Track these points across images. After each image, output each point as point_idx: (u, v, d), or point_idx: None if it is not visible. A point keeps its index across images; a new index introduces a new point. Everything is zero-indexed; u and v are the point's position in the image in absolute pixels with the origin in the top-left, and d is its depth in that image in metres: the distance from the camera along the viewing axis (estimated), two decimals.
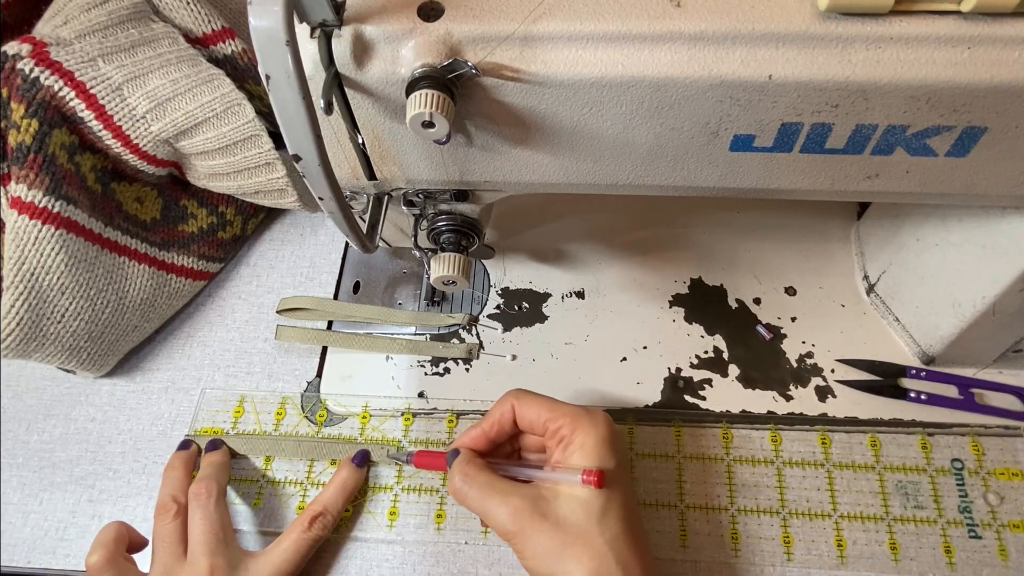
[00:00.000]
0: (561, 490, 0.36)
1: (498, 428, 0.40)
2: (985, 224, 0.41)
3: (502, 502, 0.36)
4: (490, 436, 0.40)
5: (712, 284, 0.54)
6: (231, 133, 0.46)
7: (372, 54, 0.29)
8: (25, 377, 0.53)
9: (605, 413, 0.39)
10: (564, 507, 0.36)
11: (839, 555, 0.43)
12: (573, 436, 0.37)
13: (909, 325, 0.49)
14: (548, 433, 0.39)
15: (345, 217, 0.31)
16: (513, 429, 0.40)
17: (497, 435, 0.40)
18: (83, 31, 0.44)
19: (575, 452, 0.37)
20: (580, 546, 0.35)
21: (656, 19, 0.28)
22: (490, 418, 0.40)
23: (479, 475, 0.38)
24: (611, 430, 0.38)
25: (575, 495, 0.36)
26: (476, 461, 0.39)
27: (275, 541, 0.42)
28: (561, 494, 0.36)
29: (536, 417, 0.39)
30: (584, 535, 0.35)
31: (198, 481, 0.43)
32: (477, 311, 0.54)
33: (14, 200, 0.43)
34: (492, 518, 0.36)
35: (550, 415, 0.38)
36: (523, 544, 0.35)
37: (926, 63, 0.27)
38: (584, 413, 0.38)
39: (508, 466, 0.39)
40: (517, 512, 0.36)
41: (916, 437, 0.47)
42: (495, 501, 0.36)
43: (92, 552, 0.40)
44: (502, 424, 0.40)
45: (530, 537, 0.35)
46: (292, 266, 0.57)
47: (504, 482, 0.37)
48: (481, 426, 0.40)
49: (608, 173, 0.34)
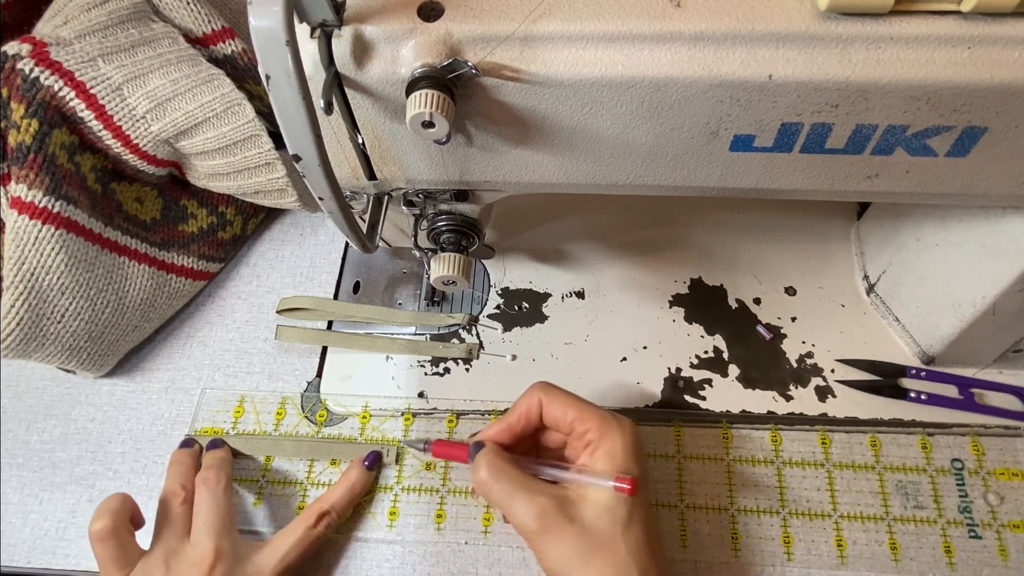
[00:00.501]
0: (588, 494, 0.36)
1: (524, 423, 0.40)
2: (985, 224, 0.40)
3: (530, 500, 0.36)
4: (515, 430, 0.40)
5: (712, 284, 0.54)
6: (231, 133, 0.46)
7: (372, 54, 0.29)
8: (25, 377, 0.53)
9: (630, 420, 0.38)
10: (590, 512, 0.35)
11: (839, 555, 0.43)
12: (601, 442, 0.37)
13: (909, 325, 0.49)
14: (574, 434, 0.38)
15: (345, 217, 0.31)
16: (538, 424, 0.40)
17: (523, 430, 0.40)
18: (83, 31, 0.44)
19: (602, 458, 0.37)
20: (604, 553, 0.34)
21: (656, 19, 0.28)
22: (516, 411, 0.40)
23: (506, 469, 0.37)
24: (636, 438, 0.38)
25: (601, 500, 0.36)
26: (503, 455, 0.38)
27: (278, 534, 0.42)
28: (588, 498, 0.36)
29: (562, 415, 0.38)
30: (608, 542, 0.35)
31: (207, 468, 0.43)
32: (477, 311, 0.54)
33: (14, 200, 0.43)
34: (516, 515, 0.36)
35: (577, 415, 0.38)
36: (545, 545, 0.35)
37: (926, 63, 0.27)
38: (612, 419, 0.38)
39: (534, 464, 0.39)
40: (544, 512, 0.35)
41: (916, 437, 0.47)
42: (522, 498, 0.36)
43: (97, 519, 0.38)
44: (528, 419, 0.39)
45: (554, 539, 0.35)
46: (292, 266, 0.57)
47: (531, 480, 0.37)
48: (507, 420, 0.40)
49: (608, 173, 0.34)
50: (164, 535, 0.40)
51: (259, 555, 0.41)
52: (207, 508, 0.41)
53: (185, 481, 0.43)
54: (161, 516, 0.41)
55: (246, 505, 0.47)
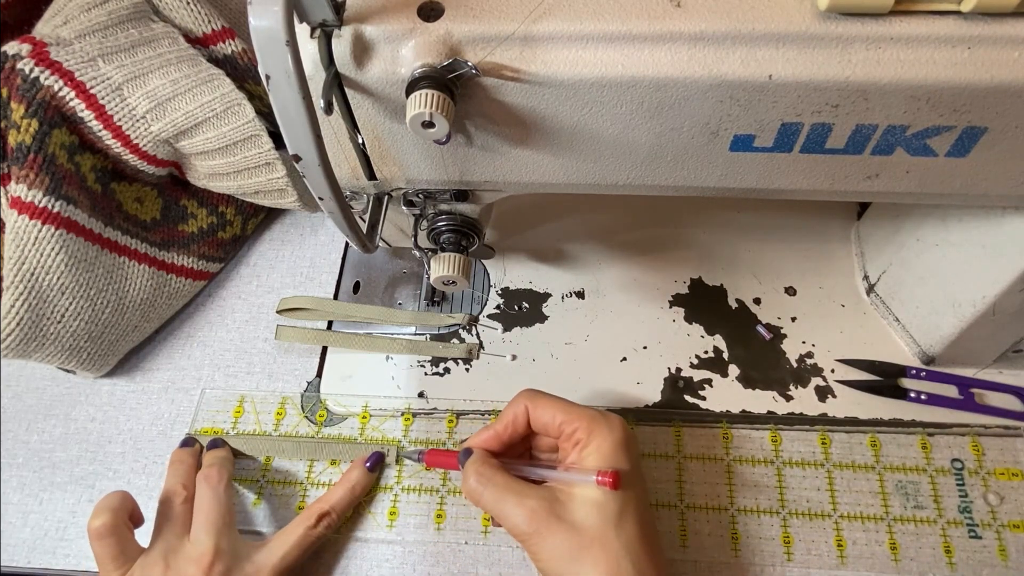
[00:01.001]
0: (576, 492, 0.36)
1: (512, 430, 0.40)
2: (985, 224, 0.41)
3: (518, 503, 0.36)
4: (503, 438, 0.40)
5: (712, 284, 0.54)
6: (231, 133, 0.46)
7: (372, 54, 0.29)
8: (25, 377, 0.53)
9: (620, 417, 0.38)
10: (580, 510, 0.35)
11: (839, 555, 0.43)
12: (589, 439, 0.37)
13: (909, 325, 0.49)
14: (563, 436, 0.38)
15: (345, 217, 0.31)
16: (526, 431, 0.40)
17: (510, 437, 0.40)
18: (83, 31, 0.44)
19: (591, 455, 0.37)
20: (596, 549, 0.34)
21: (656, 19, 0.28)
22: (503, 420, 0.40)
23: (494, 476, 0.37)
24: (627, 434, 0.38)
25: (590, 497, 0.36)
26: (490, 461, 0.38)
27: (278, 533, 0.42)
28: (576, 496, 0.36)
29: (551, 419, 0.38)
30: (600, 538, 0.35)
31: (207, 467, 0.43)
32: (477, 311, 0.54)
33: (14, 200, 0.43)
34: (507, 519, 0.36)
35: (565, 417, 0.38)
36: (538, 546, 0.35)
37: (926, 63, 0.27)
38: (600, 416, 0.38)
39: (521, 466, 0.39)
40: (533, 514, 0.35)
41: (916, 437, 0.47)
42: (511, 502, 0.36)
43: (96, 516, 0.38)
44: (516, 426, 0.40)
45: (545, 539, 0.35)
46: (292, 266, 0.57)
47: (519, 483, 0.37)
48: (494, 428, 0.40)
49: (608, 173, 0.34)
50: (164, 533, 0.40)
51: (259, 554, 0.41)
52: (208, 506, 0.41)
53: (186, 480, 0.43)
54: (161, 514, 0.41)
55: (246, 505, 0.47)
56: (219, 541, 0.39)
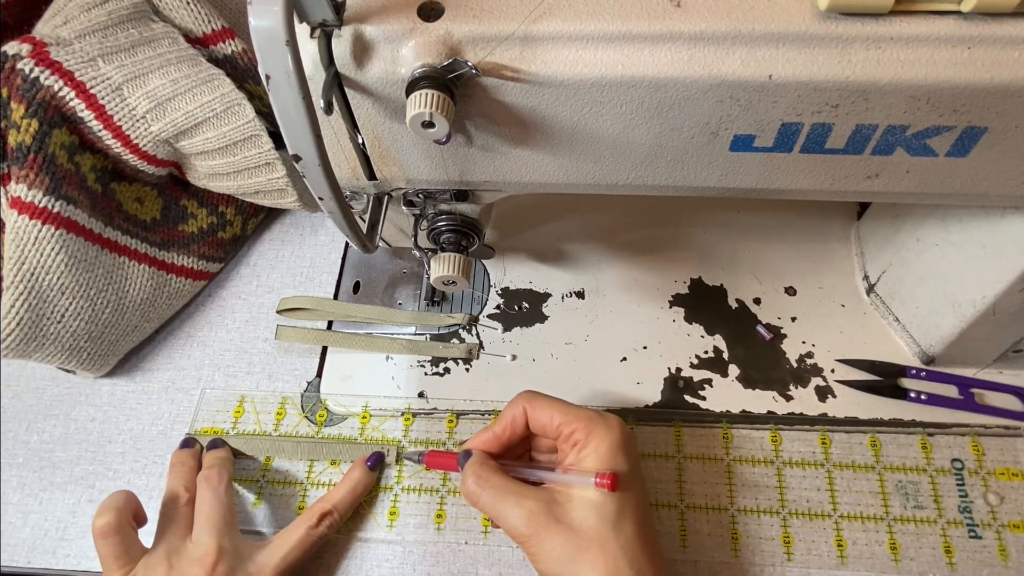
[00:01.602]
0: (574, 493, 0.36)
1: (510, 432, 0.40)
2: (985, 224, 0.40)
3: (516, 505, 0.36)
4: (502, 440, 0.40)
5: (712, 284, 0.54)
6: (231, 133, 0.46)
7: (372, 54, 0.29)
8: (25, 377, 0.53)
9: (618, 418, 0.39)
10: (578, 511, 0.36)
11: (839, 555, 0.43)
12: (587, 440, 0.37)
13: (909, 325, 0.49)
14: (561, 437, 0.38)
15: (345, 217, 0.31)
16: (525, 432, 0.40)
17: (509, 439, 0.40)
18: (83, 31, 0.44)
19: (589, 456, 0.37)
20: (594, 550, 0.34)
21: (656, 19, 0.28)
22: (502, 421, 0.40)
23: (492, 477, 0.37)
24: (625, 434, 0.38)
25: (588, 499, 0.36)
26: (488, 463, 0.39)
27: (280, 533, 0.42)
28: (574, 498, 0.36)
29: (549, 421, 0.38)
30: (598, 539, 0.35)
31: (208, 467, 0.43)
32: (477, 311, 0.54)
33: (14, 200, 0.43)
34: (505, 521, 0.36)
35: (563, 419, 0.38)
36: (537, 548, 0.35)
37: (926, 63, 0.27)
38: (598, 417, 0.38)
39: (520, 468, 0.39)
40: (532, 515, 0.35)
41: (916, 437, 0.47)
42: (509, 504, 0.36)
43: (100, 515, 0.39)
44: (514, 427, 0.40)
45: (544, 540, 0.35)
46: (292, 266, 0.57)
47: (517, 485, 0.37)
48: (493, 429, 0.40)
49: (608, 173, 0.34)
50: (167, 533, 0.40)
51: (261, 554, 0.41)
52: (209, 506, 0.41)
53: (187, 482, 0.43)
54: (164, 516, 0.41)
55: (246, 505, 0.47)
56: (221, 541, 0.39)
